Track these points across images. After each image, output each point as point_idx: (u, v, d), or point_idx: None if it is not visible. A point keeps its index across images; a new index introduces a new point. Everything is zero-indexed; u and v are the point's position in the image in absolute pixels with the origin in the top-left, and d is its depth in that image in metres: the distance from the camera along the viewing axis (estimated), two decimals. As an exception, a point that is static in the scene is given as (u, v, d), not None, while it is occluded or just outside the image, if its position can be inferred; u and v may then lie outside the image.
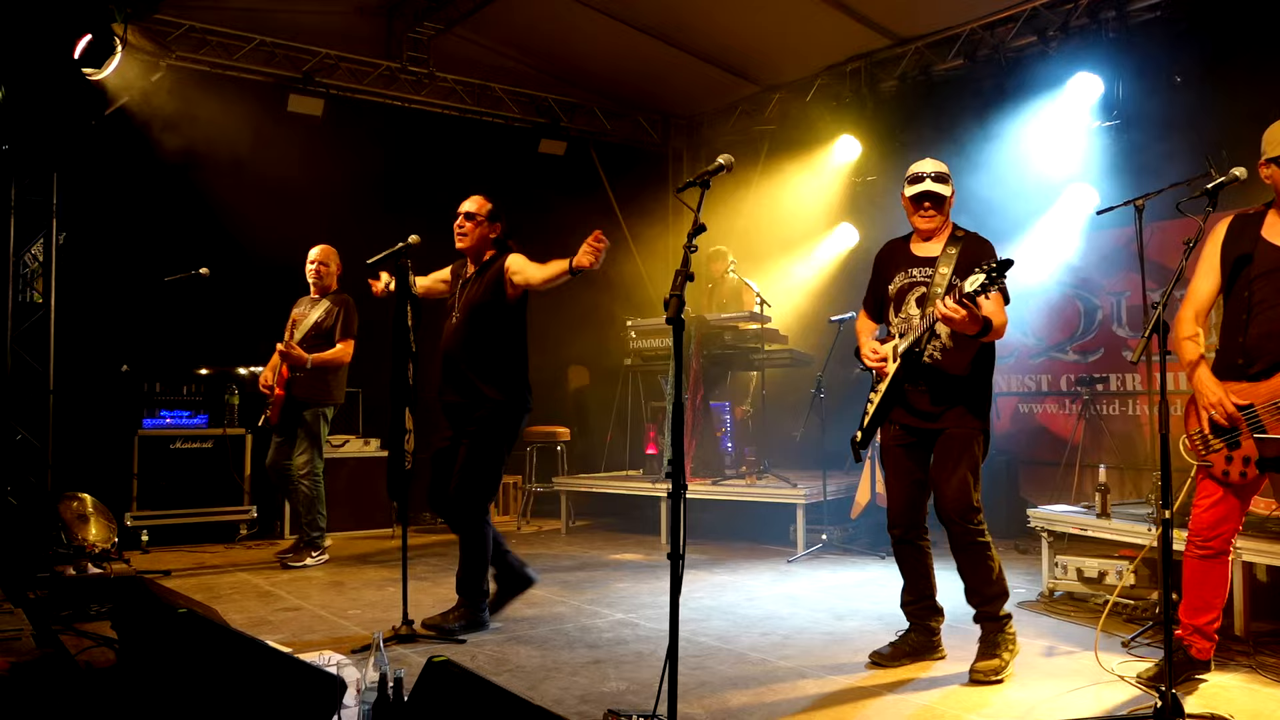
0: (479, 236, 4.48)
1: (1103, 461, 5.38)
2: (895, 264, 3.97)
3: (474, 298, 4.44)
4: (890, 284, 3.94)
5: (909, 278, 3.89)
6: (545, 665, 3.95)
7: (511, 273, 4.42)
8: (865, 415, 4.00)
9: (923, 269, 3.86)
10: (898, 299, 3.91)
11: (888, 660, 3.89)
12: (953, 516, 3.76)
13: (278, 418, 6.28)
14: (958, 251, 3.79)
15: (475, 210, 4.50)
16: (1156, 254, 6.21)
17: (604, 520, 8.13)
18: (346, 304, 6.33)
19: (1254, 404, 3.35)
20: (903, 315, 3.87)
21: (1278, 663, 3.86)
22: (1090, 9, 6.73)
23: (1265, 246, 3.42)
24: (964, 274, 3.60)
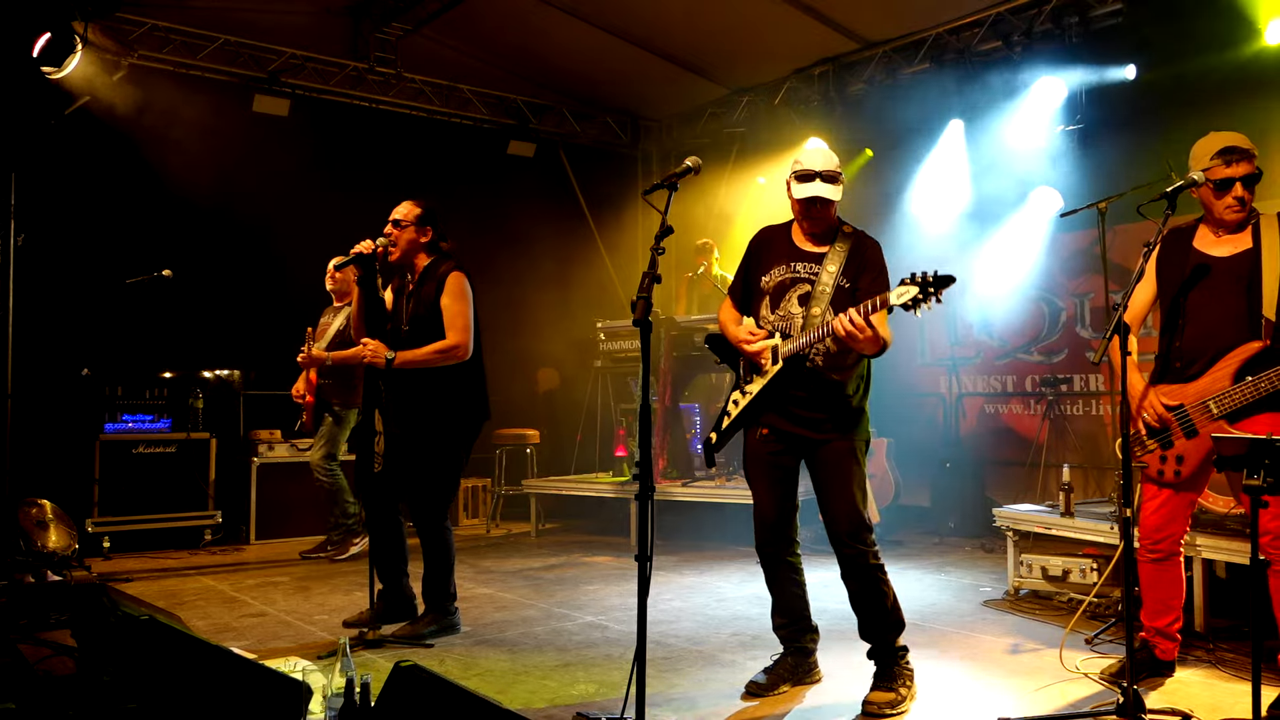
0: (407, 243, 4.38)
1: (1066, 461, 5.46)
2: (775, 255, 3.63)
3: (417, 310, 4.36)
4: (766, 275, 3.61)
5: (791, 272, 3.57)
6: (514, 668, 3.94)
7: (443, 295, 4.32)
8: (726, 416, 3.66)
9: (807, 264, 3.55)
10: (776, 293, 3.57)
11: (765, 689, 3.59)
12: (845, 539, 3.46)
13: (312, 422, 6.53)
14: (846, 249, 3.52)
15: (402, 216, 4.39)
16: (1118, 256, 6.30)
17: (574, 523, 8.11)
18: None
19: (1184, 404, 3.44)
20: (781, 313, 3.54)
21: (1236, 658, 3.92)
22: (1054, 14, 6.81)
23: (1197, 257, 3.52)
24: (853, 274, 3.47)
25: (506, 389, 8.00)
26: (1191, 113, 5.95)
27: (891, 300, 3.16)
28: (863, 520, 3.49)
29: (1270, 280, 3.35)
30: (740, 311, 3.73)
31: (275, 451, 7.38)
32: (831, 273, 3.49)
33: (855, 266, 3.52)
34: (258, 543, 7.18)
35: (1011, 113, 7.19)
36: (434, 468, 4.37)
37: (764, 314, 3.60)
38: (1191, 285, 3.51)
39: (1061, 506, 5.06)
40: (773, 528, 3.67)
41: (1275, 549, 3.26)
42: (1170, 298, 3.57)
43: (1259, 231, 3.44)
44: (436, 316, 4.31)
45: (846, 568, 3.52)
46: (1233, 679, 3.68)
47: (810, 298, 3.50)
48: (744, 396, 3.60)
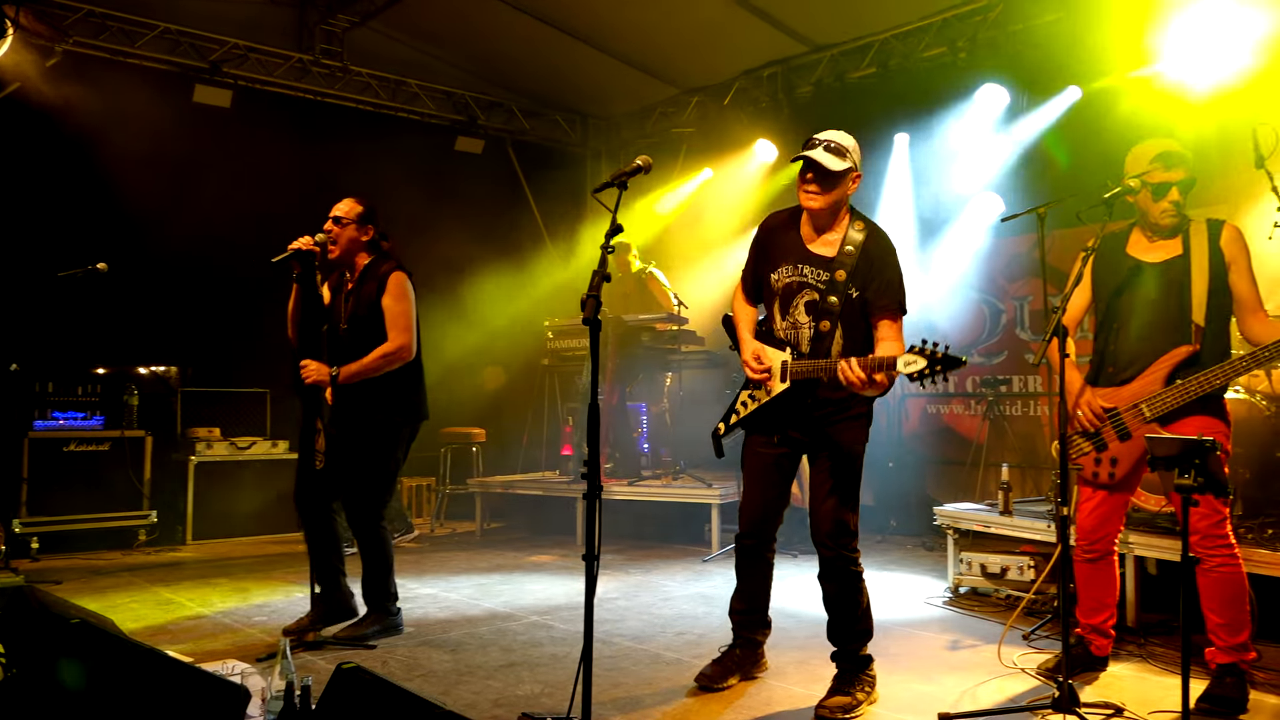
0: (347, 240, 4.31)
1: (1006, 461, 5.55)
2: (783, 252, 3.56)
3: (356, 310, 4.30)
4: (775, 274, 3.56)
5: (799, 275, 3.50)
6: (458, 669, 3.90)
7: (384, 295, 4.27)
8: (734, 414, 3.66)
9: (816, 269, 3.47)
10: (785, 296, 3.53)
11: (713, 681, 3.64)
12: (826, 540, 3.47)
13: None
14: (856, 252, 3.43)
15: (343, 214, 4.33)
16: (1057, 260, 6.43)
17: (520, 522, 8.06)
18: None
19: (1118, 408, 3.52)
20: (790, 320, 3.51)
21: (1167, 652, 4.03)
22: (997, 21, 6.94)
23: (1131, 261, 3.61)
24: (862, 282, 3.41)
25: (452, 387, 7.94)
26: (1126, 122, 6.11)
27: (899, 368, 3.12)
28: (846, 524, 3.49)
29: (1199, 286, 3.45)
30: (750, 300, 3.73)
31: (214, 450, 7.23)
32: (841, 280, 3.42)
33: (865, 273, 3.43)
34: (195, 543, 7.02)
35: (955, 118, 7.32)
36: (369, 467, 4.31)
37: (775, 317, 3.58)
38: (1125, 289, 3.61)
39: (1000, 505, 5.17)
40: (759, 524, 3.70)
41: (1205, 547, 3.36)
42: (1105, 301, 3.66)
43: (1189, 238, 3.53)
44: (376, 316, 4.25)
45: (825, 568, 3.54)
46: (1163, 673, 3.79)
47: (819, 308, 3.45)
48: (753, 402, 3.62)
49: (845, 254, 3.44)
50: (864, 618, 3.54)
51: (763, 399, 3.56)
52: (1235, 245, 3.48)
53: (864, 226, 3.51)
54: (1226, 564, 3.38)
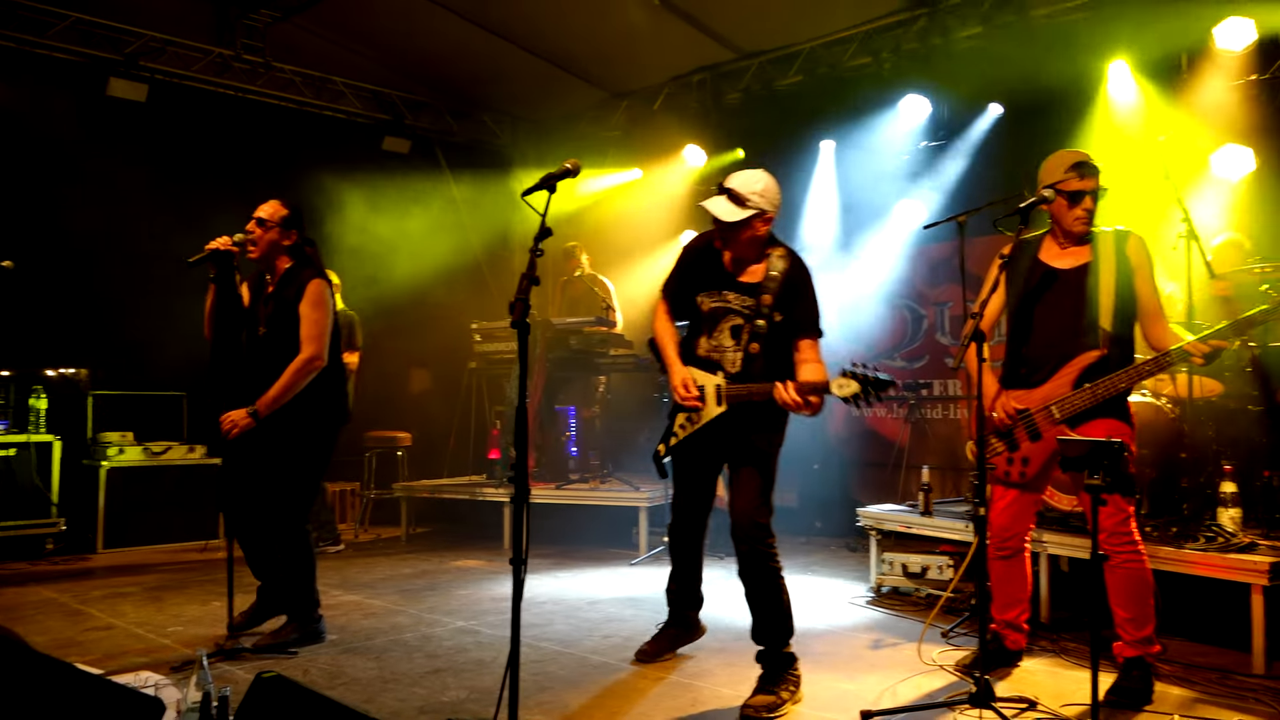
0: (269, 243, 4.25)
1: (926, 462, 5.68)
2: (708, 277, 3.76)
3: (276, 314, 4.24)
4: (701, 295, 3.76)
5: (723, 301, 3.70)
6: (382, 676, 3.85)
7: (302, 302, 4.19)
8: (673, 436, 3.82)
9: (740, 295, 3.67)
10: (710, 319, 3.73)
11: (651, 656, 4.01)
12: (742, 535, 3.61)
13: None
14: (779, 280, 3.63)
15: (267, 216, 4.26)
16: (976, 267, 6.60)
17: (446, 526, 7.98)
18: (352, 320, 6.70)
19: (1029, 409, 3.64)
20: (715, 343, 3.70)
21: (1078, 646, 4.18)
22: (920, 34, 7.11)
23: (1042, 268, 3.74)
24: (786, 307, 3.60)
25: (377, 390, 7.82)
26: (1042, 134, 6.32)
27: (833, 390, 3.37)
28: (761, 520, 3.63)
29: (1106, 292, 3.59)
30: (672, 316, 3.90)
31: (126, 455, 6.99)
32: (768, 305, 3.61)
33: (789, 299, 3.62)
34: (106, 551, 6.78)
35: (879, 127, 7.47)
36: (288, 472, 4.24)
37: (699, 339, 3.76)
38: (1037, 295, 3.73)
39: (921, 506, 5.29)
40: (690, 516, 3.98)
41: (1112, 544, 3.49)
42: (1017, 307, 3.78)
43: (1098, 247, 3.67)
44: (293, 322, 4.17)
45: (744, 565, 3.65)
46: (1074, 667, 3.92)
47: (744, 332, 3.64)
48: (690, 425, 3.75)
49: (770, 279, 3.64)
50: (785, 614, 3.65)
51: (700, 421, 3.71)
52: (1140, 254, 3.63)
53: (785, 254, 3.71)
54: (1132, 561, 3.51)
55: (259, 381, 4.16)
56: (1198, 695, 3.58)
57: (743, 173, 3.68)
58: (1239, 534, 4.16)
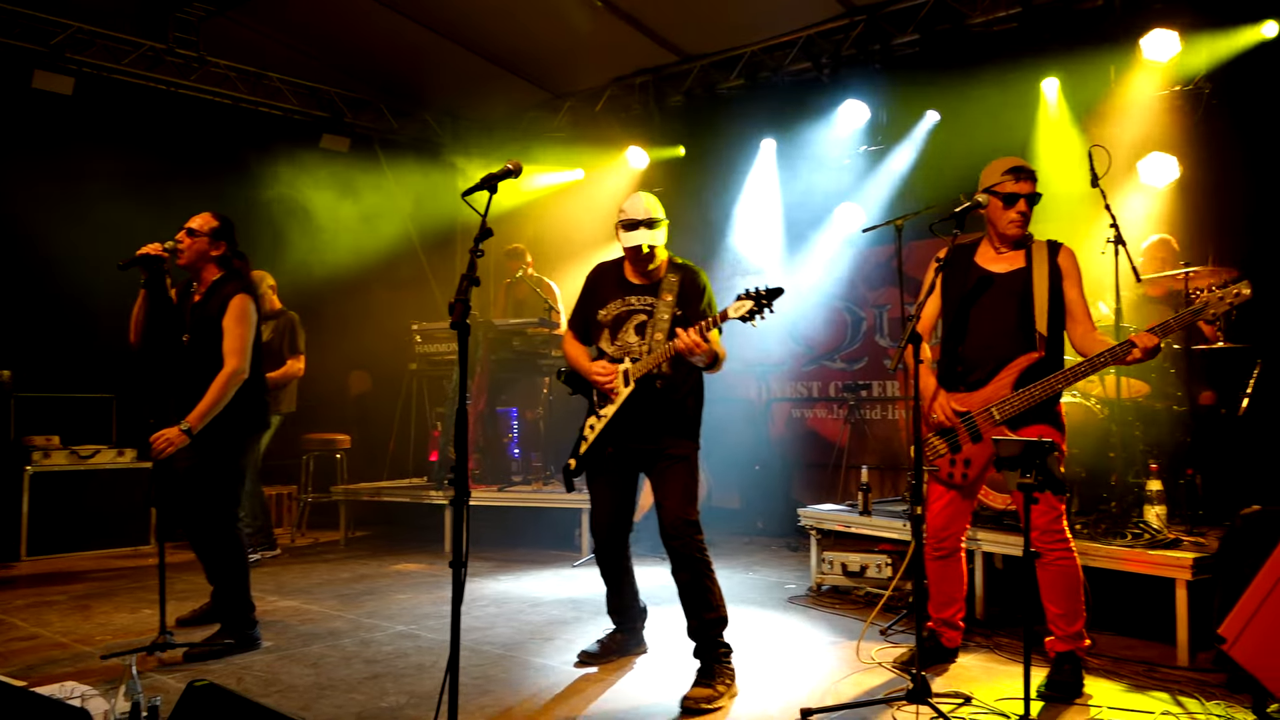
0: (197, 253, 4.29)
1: (866, 463, 5.76)
2: (610, 290, 3.97)
3: (201, 322, 4.28)
4: (603, 310, 3.96)
5: (627, 305, 3.91)
6: (320, 683, 3.78)
7: (225, 316, 4.22)
8: (584, 442, 3.93)
9: (641, 297, 3.89)
10: (614, 325, 3.92)
11: (597, 658, 4.03)
12: (674, 534, 3.72)
13: None
14: (678, 280, 3.86)
15: (198, 226, 4.31)
16: (914, 270, 6.73)
17: (386, 530, 7.87)
18: (292, 322, 6.57)
19: (970, 410, 3.72)
20: (620, 343, 3.89)
21: (1012, 642, 4.27)
22: (858, 40, 7.21)
23: (978, 272, 3.82)
24: (685, 302, 3.79)
25: (315, 392, 7.68)
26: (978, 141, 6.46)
27: (730, 314, 3.49)
28: (691, 518, 3.75)
29: (1040, 298, 3.68)
30: (581, 342, 4.07)
31: (53, 459, 6.77)
32: (667, 302, 3.82)
33: (686, 295, 3.85)
34: (31, 559, 6.56)
35: (820, 132, 7.57)
36: (209, 479, 4.23)
37: (604, 345, 3.94)
38: (973, 298, 3.80)
39: (860, 506, 5.36)
40: (610, 532, 4.00)
41: (1044, 542, 3.58)
42: (954, 309, 3.85)
43: (1032, 253, 3.76)
44: (216, 334, 4.21)
45: (675, 560, 3.76)
46: (1008, 662, 4.00)
47: (647, 327, 3.83)
48: (600, 420, 3.88)
49: (668, 280, 3.88)
50: (718, 608, 3.75)
51: (608, 415, 3.84)
52: (1070, 263, 3.73)
53: (680, 261, 3.97)
54: (1063, 558, 3.60)
55: (183, 388, 4.22)
56: (1126, 688, 3.68)
57: (641, 199, 3.89)
58: (1164, 530, 4.29)
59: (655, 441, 3.83)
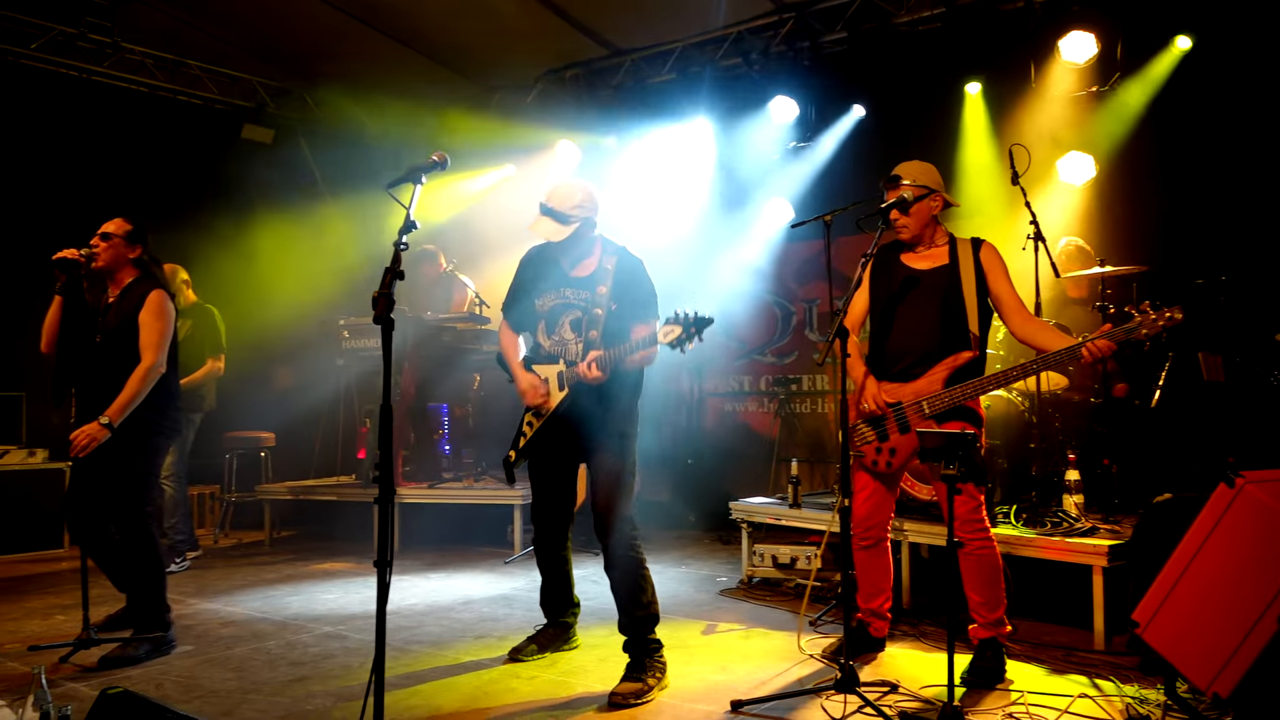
0: (113, 257, 4.28)
1: (795, 456, 5.82)
2: (545, 280, 3.90)
3: (113, 325, 4.22)
4: (540, 299, 3.89)
5: (562, 298, 3.84)
6: (243, 687, 3.69)
7: (141, 312, 4.19)
8: (522, 437, 3.93)
9: (576, 290, 3.82)
10: (550, 317, 3.87)
11: (528, 654, 4.02)
12: (607, 528, 3.72)
13: None
14: (613, 271, 3.78)
15: (112, 231, 4.29)
16: (843, 265, 6.82)
17: (313, 529, 7.71)
18: (212, 317, 6.44)
19: (901, 402, 3.78)
20: (556, 338, 3.84)
21: (936, 630, 4.36)
22: (788, 38, 7.28)
23: (904, 270, 3.89)
24: (620, 296, 3.72)
25: (238, 389, 7.49)
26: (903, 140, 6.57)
27: (660, 339, 3.44)
28: (622, 513, 3.74)
29: (970, 298, 3.75)
30: (515, 330, 4.02)
31: (-42, 459, 6.50)
32: (602, 296, 3.75)
33: (622, 289, 3.77)
34: (-66, 564, 6.29)
35: (750, 127, 7.61)
36: (121, 478, 4.14)
37: (540, 338, 3.90)
38: (899, 295, 3.87)
39: (790, 498, 5.42)
40: (551, 525, 4.02)
41: (966, 531, 3.66)
42: (881, 304, 3.91)
43: (956, 251, 3.83)
44: (130, 332, 4.17)
45: (608, 555, 3.75)
46: (933, 650, 4.09)
47: (583, 324, 3.78)
48: (538, 420, 3.88)
49: (603, 271, 3.80)
50: (649, 602, 3.75)
51: (546, 412, 3.84)
52: (992, 258, 3.81)
53: (616, 251, 3.87)
54: (984, 547, 3.69)
55: (95, 389, 4.15)
56: (1046, 672, 3.78)
57: (558, 189, 3.79)
58: (1082, 519, 4.42)
59: (592, 435, 3.79)
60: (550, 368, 3.85)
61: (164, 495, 6.09)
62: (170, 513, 6.15)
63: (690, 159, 8.08)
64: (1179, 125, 5.83)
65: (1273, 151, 5.31)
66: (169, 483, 6.11)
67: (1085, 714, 3.30)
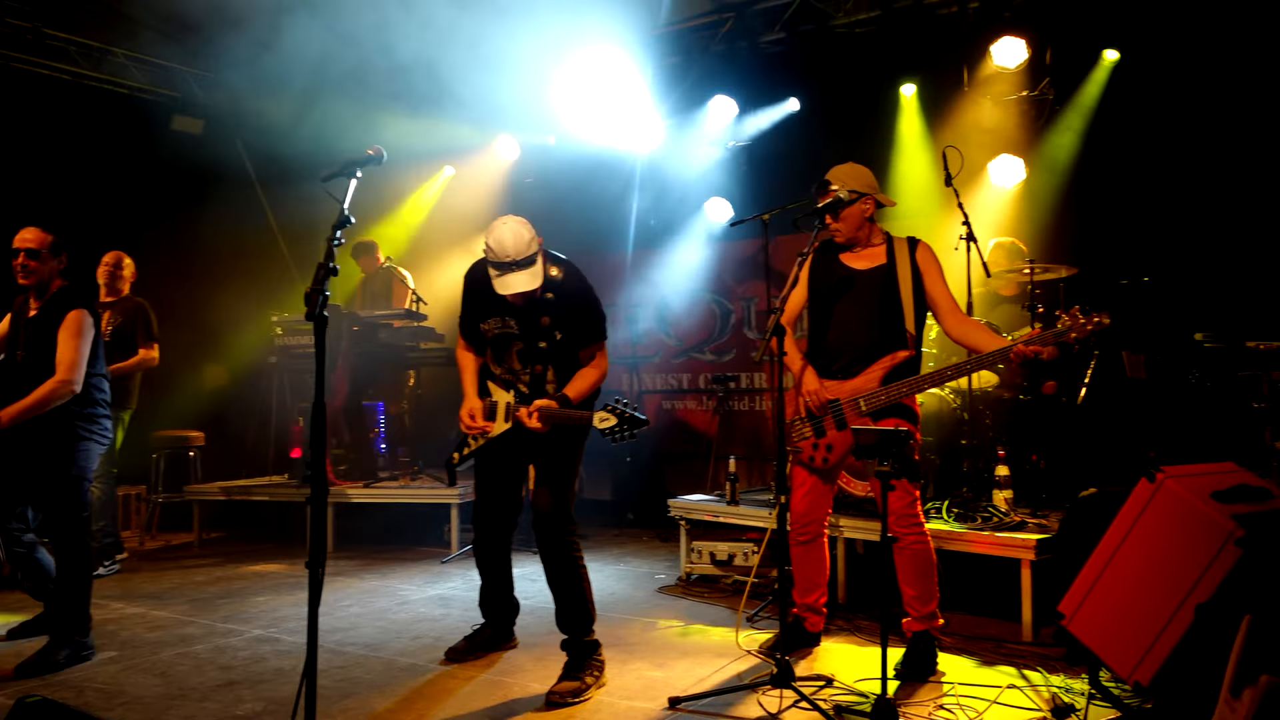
0: (47, 273, 4.22)
1: (734, 453, 5.86)
2: (488, 303, 3.78)
3: (39, 340, 4.12)
4: (486, 324, 3.83)
5: (506, 327, 3.78)
6: (169, 693, 3.59)
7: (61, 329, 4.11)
8: (467, 445, 3.91)
9: (520, 321, 3.76)
10: (497, 345, 3.84)
11: (462, 655, 3.99)
12: (547, 528, 3.70)
13: None
14: (555, 295, 3.69)
15: (38, 247, 4.20)
16: (781, 264, 6.87)
17: (244, 530, 7.54)
18: (144, 308, 6.20)
19: (840, 399, 3.83)
20: (506, 366, 3.83)
21: (871, 624, 4.42)
22: (727, 36, 7.31)
23: (841, 269, 3.94)
24: (564, 323, 3.68)
25: (167, 387, 7.30)
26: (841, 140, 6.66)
27: (595, 423, 3.52)
28: (562, 512, 3.74)
29: (907, 297, 3.81)
30: (470, 346, 3.98)
31: None
32: (546, 325, 3.71)
33: (565, 314, 3.72)
34: None
35: (691, 125, 7.63)
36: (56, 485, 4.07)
37: (491, 364, 3.89)
38: (836, 293, 3.91)
39: (728, 495, 5.45)
40: (492, 524, 3.98)
41: (900, 527, 3.71)
42: (819, 302, 3.95)
43: (893, 251, 3.89)
44: (53, 346, 4.09)
45: (546, 554, 3.75)
46: (867, 644, 4.15)
47: (530, 354, 3.76)
48: (484, 437, 3.86)
49: (546, 301, 3.70)
50: (586, 601, 3.75)
51: (492, 434, 3.85)
52: (928, 257, 3.87)
53: (560, 270, 3.75)
54: (918, 542, 3.75)
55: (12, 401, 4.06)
56: (976, 664, 3.86)
57: (508, 241, 3.55)
58: (1011, 513, 4.53)
59: (538, 441, 3.73)
60: (501, 394, 3.85)
61: (92, 498, 5.90)
62: (99, 515, 5.95)
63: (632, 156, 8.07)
64: (1105, 133, 5.99)
65: (1192, 160, 5.49)
66: (98, 484, 5.91)
67: (1014, 704, 3.38)
